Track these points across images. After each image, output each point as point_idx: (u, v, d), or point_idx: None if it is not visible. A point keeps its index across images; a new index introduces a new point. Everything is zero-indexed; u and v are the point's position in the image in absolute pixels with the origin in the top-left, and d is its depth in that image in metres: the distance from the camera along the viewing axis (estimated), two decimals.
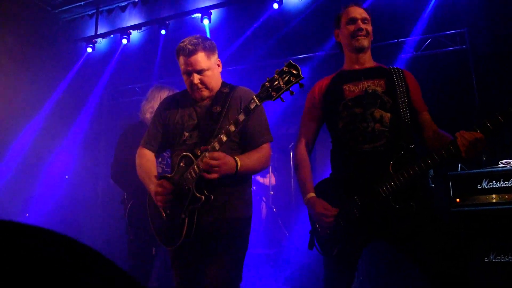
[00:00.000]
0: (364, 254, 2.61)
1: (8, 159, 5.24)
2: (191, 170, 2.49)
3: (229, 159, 2.44)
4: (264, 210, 6.63)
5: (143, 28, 7.93)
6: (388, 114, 2.53)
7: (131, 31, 7.88)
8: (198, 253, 2.60)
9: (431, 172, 3.77)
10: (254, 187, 6.62)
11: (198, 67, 2.60)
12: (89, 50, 8.03)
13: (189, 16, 7.54)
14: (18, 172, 6.37)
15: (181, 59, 2.64)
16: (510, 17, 5.48)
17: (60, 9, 8.31)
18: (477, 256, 3.40)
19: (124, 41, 7.82)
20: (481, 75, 5.77)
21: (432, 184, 3.87)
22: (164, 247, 2.79)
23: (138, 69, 8.05)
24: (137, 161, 2.84)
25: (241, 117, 2.35)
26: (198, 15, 7.29)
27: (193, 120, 2.69)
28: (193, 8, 7.50)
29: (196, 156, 2.49)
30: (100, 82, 8.22)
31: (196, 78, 2.62)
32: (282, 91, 2.24)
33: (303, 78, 2.22)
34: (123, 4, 8.34)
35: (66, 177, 7.39)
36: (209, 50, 2.64)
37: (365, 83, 2.63)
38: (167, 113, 2.83)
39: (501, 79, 5.48)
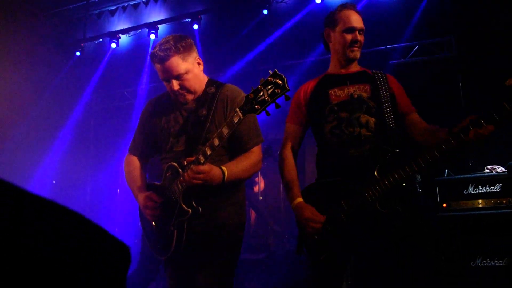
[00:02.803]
0: (352, 258, 2.62)
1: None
2: (178, 182, 2.41)
3: (214, 171, 2.32)
4: (252, 215, 6.63)
5: (132, 33, 7.92)
6: (373, 119, 2.55)
7: (120, 35, 7.86)
8: (190, 262, 2.52)
9: (419, 177, 3.80)
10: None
11: (175, 73, 2.45)
12: (78, 53, 8.00)
13: (179, 21, 7.55)
14: (5, 175, 6.29)
15: (157, 66, 2.50)
16: (497, 25, 5.56)
17: (49, 12, 8.27)
18: (464, 261, 3.44)
19: (113, 45, 7.80)
20: (467, 82, 5.84)
21: (420, 189, 3.91)
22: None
23: (127, 74, 8.03)
24: (125, 168, 2.77)
25: (225, 130, 2.24)
26: (188, 20, 7.30)
27: (179, 124, 2.59)
28: (183, 13, 7.51)
29: (183, 167, 2.40)
30: (89, 86, 8.18)
31: (175, 84, 2.48)
32: (267, 104, 2.11)
33: (288, 90, 2.08)
34: (113, 8, 8.32)
35: (54, 181, 7.33)
36: (183, 52, 2.46)
37: (351, 88, 2.64)
38: (153, 117, 2.73)
39: (487, 87, 5.55)
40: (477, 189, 3.59)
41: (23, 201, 0.66)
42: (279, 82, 2.07)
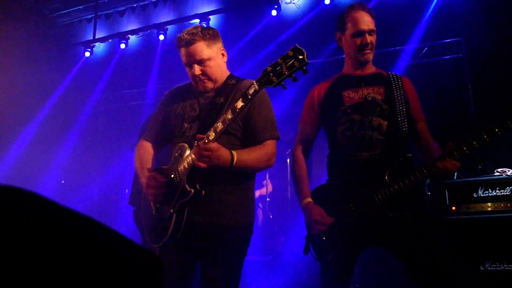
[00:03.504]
0: (360, 261, 2.61)
1: (5, 163, 5.23)
2: (185, 161, 2.36)
3: (223, 151, 2.24)
4: (260, 217, 6.63)
5: (141, 33, 7.95)
6: (386, 123, 2.54)
7: (129, 36, 7.90)
8: (187, 253, 2.43)
9: (428, 180, 3.78)
10: None
11: (198, 57, 2.45)
12: (87, 54, 8.04)
13: (187, 22, 7.57)
14: (15, 176, 6.35)
15: (182, 50, 2.51)
16: (506, 26, 5.52)
17: (58, 13, 8.33)
18: (473, 264, 3.41)
19: (122, 45, 7.84)
20: (476, 83, 5.82)
21: (429, 192, 3.89)
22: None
23: (136, 74, 8.06)
24: (136, 152, 2.72)
25: (239, 104, 2.21)
26: (197, 20, 7.32)
27: (195, 111, 2.55)
28: (191, 13, 7.53)
29: (192, 146, 2.35)
30: (98, 87, 8.22)
31: (197, 69, 2.47)
32: (284, 76, 2.07)
33: (308, 63, 2.04)
34: (122, 9, 8.36)
35: (62, 181, 7.38)
36: (209, 39, 2.48)
37: (365, 90, 2.63)
38: (170, 105, 2.69)
39: (496, 88, 5.52)
40: (487, 192, 3.56)
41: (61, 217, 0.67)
42: (299, 56, 2.04)
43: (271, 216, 6.39)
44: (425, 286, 2.30)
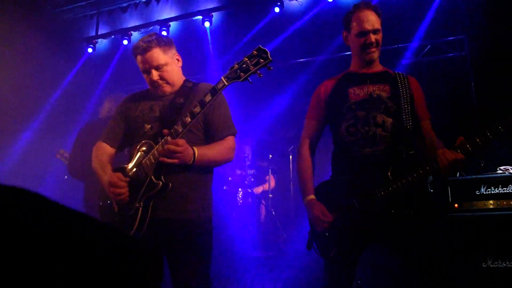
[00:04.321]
0: (363, 257, 2.63)
1: (9, 159, 5.25)
2: (150, 156, 2.45)
3: (187, 148, 2.39)
4: (263, 212, 6.65)
5: (143, 30, 7.95)
6: (390, 120, 2.56)
7: (132, 32, 7.90)
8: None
9: (430, 177, 3.79)
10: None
11: (155, 63, 2.57)
12: (90, 50, 8.05)
13: (190, 18, 7.57)
14: (18, 171, 6.37)
15: (138, 58, 2.61)
16: (509, 24, 5.52)
17: (61, 9, 8.32)
18: (475, 261, 3.43)
19: (125, 42, 7.84)
20: (479, 81, 5.82)
21: (431, 189, 3.90)
22: None
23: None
24: (93, 153, 2.76)
25: (208, 97, 2.36)
26: (199, 17, 7.32)
27: (155, 113, 2.65)
28: (194, 10, 7.52)
29: (157, 143, 2.45)
30: (101, 83, 8.23)
31: (155, 74, 2.58)
32: (251, 72, 2.28)
33: (271, 60, 2.26)
34: (124, 5, 8.36)
35: (65, 177, 7.39)
36: (164, 46, 2.61)
37: (371, 87, 2.65)
38: (128, 109, 2.77)
39: (499, 86, 5.53)
40: (490, 189, 3.58)
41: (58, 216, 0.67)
42: (263, 54, 2.27)
43: (273, 212, 6.41)
44: (425, 283, 2.32)
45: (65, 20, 8.52)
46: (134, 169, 2.53)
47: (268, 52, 2.26)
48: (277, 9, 6.83)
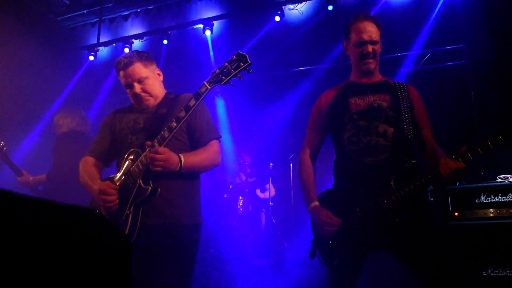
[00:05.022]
0: (366, 266, 2.64)
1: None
2: (138, 163, 2.51)
3: (172, 155, 2.45)
4: (263, 221, 6.65)
5: (145, 38, 7.99)
6: (392, 129, 2.58)
7: (133, 40, 7.93)
8: (142, 256, 2.51)
9: (430, 186, 3.81)
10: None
11: (137, 76, 2.66)
12: (91, 58, 8.08)
13: (191, 27, 7.61)
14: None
15: (121, 73, 2.71)
16: (508, 33, 5.56)
17: (62, 17, 8.37)
18: (475, 270, 3.43)
19: (126, 50, 7.86)
20: (479, 90, 5.85)
21: (431, 197, 3.91)
22: None
23: None
24: (80, 167, 2.81)
25: (192, 102, 2.43)
26: (200, 26, 7.35)
27: (139, 124, 2.72)
28: (195, 19, 7.56)
29: (144, 150, 2.51)
30: (102, 90, 8.25)
31: (137, 87, 2.68)
32: (232, 75, 2.37)
33: (250, 63, 2.37)
34: (126, 13, 8.40)
35: None
36: (145, 61, 2.72)
37: (371, 97, 2.68)
38: (113, 123, 2.85)
39: (499, 94, 5.55)
40: (489, 198, 3.59)
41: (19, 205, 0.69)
42: (243, 58, 2.37)
43: (274, 221, 6.41)
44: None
45: (67, 28, 8.56)
46: (123, 178, 2.58)
47: (247, 56, 2.37)
48: (277, 18, 6.86)
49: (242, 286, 4.89)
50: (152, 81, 2.73)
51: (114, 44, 8.25)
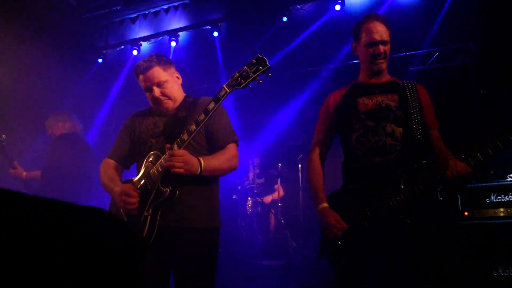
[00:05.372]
0: (374, 267, 2.63)
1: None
2: (158, 166, 2.52)
3: (191, 158, 2.45)
4: (272, 221, 6.65)
5: (153, 40, 8.02)
6: (400, 129, 2.58)
7: (141, 42, 7.97)
8: (159, 260, 2.54)
9: (440, 186, 3.79)
10: (262, 199, 6.64)
11: (156, 80, 2.67)
12: (100, 60, 8.13)
13: (199, 28, 7.63)
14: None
15: (140, 77, 2.72)
16: None
17: (71, 20, 8.42)
18: (485, 270, 3.41)
19: (135, 52, 7.91)
20: (487, 89, 5.80)
21: (441, 197, 3.89)
22: None
23: None
24: (101, 170, 2.83)
25: (211, 105, 2.44)
26: (208, 27, 7.38)
27: (159, 128, 2.73)
28: (203, 20, 7.58)
29: (164, 153, 2.52)
30: (111, 93, 8.30)
31: (157, 91, 2.68)
32: (251, 79, 2.38)
33: (269, 67, 2.37)
34: (134, 15, 8.44)
35: None
36: (164, 64, 2.72)
37: (379, 97, 2.68)
38: (133, 126, 2.86)
39: (506, 94, 5.51)
40: (500, 197, 3.57)
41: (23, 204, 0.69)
42: (262, 62, 2.37)
43: (282, 221, 6.41)
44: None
45: (75, 31, 8.62)
46: (142, 180, 2.60)
47: (266, 60, 2.37)
48: (284, 19, 6.86)
49: (250, 287, 4.89)
50: (171, 84, 2.74)
51: (122, 47, 8.29)
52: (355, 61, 6.17)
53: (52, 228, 0.68)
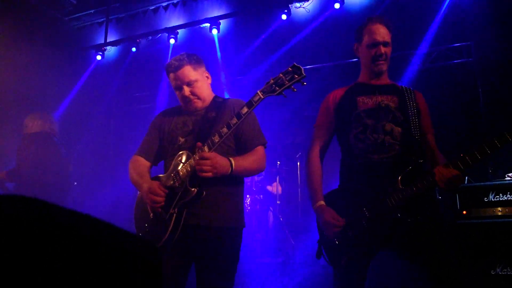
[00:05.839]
0: (372, 266, 2.64)
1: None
2: (187, 165, 2.55)
3: (221, 159, 2.48)
4: (271, 219, 6.65)
5: (152, 37, 8.01)
6: (399, 129, 2.60)
7: (140, 39, 7.97)
8: (181, 256, 2.61)
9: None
10: (261, 196, 6.65)
11: (187, 79, 2.72)
12: (99, 57, 8.12)
13: (198, 26, 7.62)
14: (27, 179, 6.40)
15: (171, 76, 2.78)
16: None
17: (70, 17, 8.41)
18: (484, 269, 3.42)
19: (133, 49, 7.90)
20: (487, 88, 5.81)
21: (439, 196, 3.90)
22: None
23: (147, 77, 8.12)
24: (130, 166, 2.88)
25: (244, 110, 2.48)
26: (207, 25, 7.37)
27: (188, 127, 2.77)
28: (202, 18, 7.58)
29: (194, 153, 2.55)
30: (110, 90, 8.29)
31: (186, 90, 2.73)
32: (286, 86, 2.42)
33: (305, 76, 2.40)
34: (133, 12, 8.43)
35: (75, 183, 7.44)
36: (195, 64, 2.76)
37: (379, 97, 2.70)
38: (162, 124, 2.91)
39: (507, 92, 5.52)
40: (498, 196, 3.58)
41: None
42: (297, 70, 2.41)
43: (281, 219, 6.42)
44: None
45: (74, 28, 8.61)
46: (170, 178, 2.63)
47: (302, 69, 2.40)
48: (284, 17, 6.86)
49: (249, 285, 4.90)
50: (201, 83, 2.78)
51: (121, 44, 8.28)
52: (354, 60, 6.17)
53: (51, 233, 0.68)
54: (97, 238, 0.74)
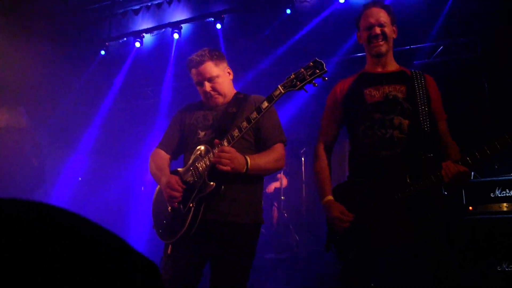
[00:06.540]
0: (379, 261, 2.63)
1: None
2: (206, 159, 2.56)
3: (238, 156, 2.47)
4: (275, 214, 6.65)
5: (156, 32, 7.99)
6: (407, 121, 2.54)
7: (144, 34, 7.94)
8: (197, 251, 2.60)
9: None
10: (266, 191, 6.64)
11: (208, 75, 2.72)
12: (103, 52, 8.10)
13: (202, 20, 7.60)
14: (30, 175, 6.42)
15: (192, 71, 2.78)
16: None
17: (73, 12, 8.39)
18: (490, 265, 3.40)
19: (137, 44, 7.88)
20: (493, 82, 5.77)
21: (445, 191, 3.88)
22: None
23: (151, 73, 8.12)
24: (150, 158, 2.91)
25: (264, 104, 2.47)
26: (211, 19, 7.34)
27: (208, 121, 2.78)
28: (206, 12, 7.55)
29: (213, 147, 2.55)
30: (114, 85, 8.28)
31: (207, 86, 2.73)
32: (306, 81, 2.41)
33: (326, 71, 2.39)
34: (137, 7, 8.40)
35: (80, 178, 7.46)
36: (216, 59, 2.76)
37: (386, 88, 2.63)
38: (183, 117, 2.92)
39: (510, 88, 5.48)
40: (504, 192, 3.55)
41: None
42: (319, 65, 2.40)
43: (286, 215, 6.41)
44: (440, 284, 2.33)
45: (78, 23, 8.58)
46: (189, 172, 2.64)
47: (324, 64, 2.39)
48: (288, 11, 6.83)
49: (253, 280, 4.90)
50: (222, 79, 2.78)
51: (125, 39, 8.26)
52: (359, 54, 6.14)
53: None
54: (97, 239, 0.73)
